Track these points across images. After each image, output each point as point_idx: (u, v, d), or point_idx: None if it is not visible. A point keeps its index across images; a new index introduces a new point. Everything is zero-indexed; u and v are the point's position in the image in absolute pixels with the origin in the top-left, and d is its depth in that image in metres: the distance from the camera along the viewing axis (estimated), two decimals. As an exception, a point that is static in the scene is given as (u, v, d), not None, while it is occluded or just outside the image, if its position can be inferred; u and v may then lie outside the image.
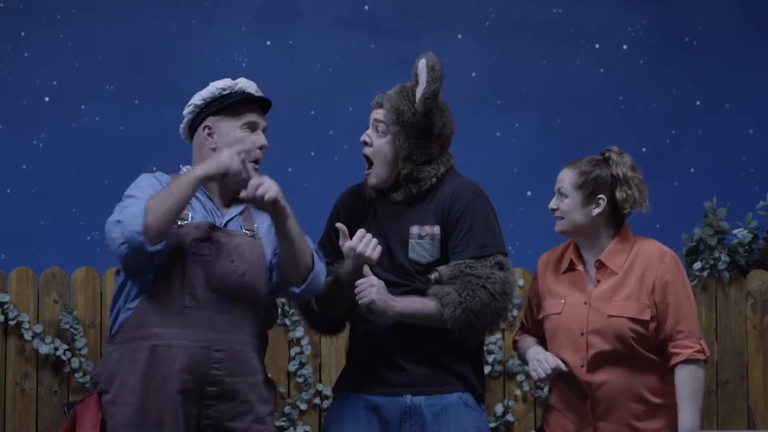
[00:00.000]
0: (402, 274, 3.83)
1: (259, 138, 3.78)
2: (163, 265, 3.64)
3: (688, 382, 3.86)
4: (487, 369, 5.35)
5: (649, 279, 3.88)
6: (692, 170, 6.72)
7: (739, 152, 6.83)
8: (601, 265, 3.93)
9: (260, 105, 3.84)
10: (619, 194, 3.91)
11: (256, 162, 3.78)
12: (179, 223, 3.67)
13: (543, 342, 4.03)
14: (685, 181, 6.76)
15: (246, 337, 3.69)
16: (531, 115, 6.78)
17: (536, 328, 4.06)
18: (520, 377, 5.38)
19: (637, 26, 6.88)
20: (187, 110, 3.84)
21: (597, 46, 6.87)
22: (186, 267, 3.65)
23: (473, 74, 6.79)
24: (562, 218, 3.93)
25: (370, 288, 3.73)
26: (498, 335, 5.37)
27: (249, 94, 3.80)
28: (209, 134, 3.79)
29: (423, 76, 3.84)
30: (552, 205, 3.95)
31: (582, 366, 3.87)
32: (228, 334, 3.65)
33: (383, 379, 3.83)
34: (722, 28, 6.90)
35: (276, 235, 3.71)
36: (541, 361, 3.89)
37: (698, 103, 6.87)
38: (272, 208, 3.63)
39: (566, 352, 3.90)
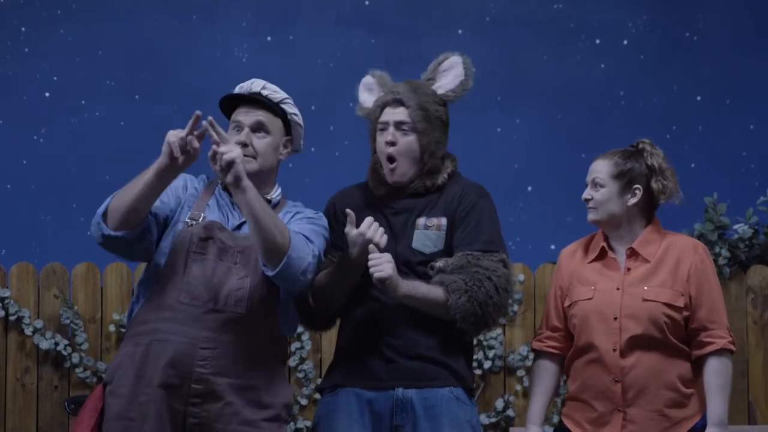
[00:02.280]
0: (402, 264, 3.83)
1: (240, 136, 3.76)
2: (168, 263, 3.68)
3: (720, 373, 3.91)
4: (487, 364, 5.35)
5: (684, 268, 3.94)
6: (693, 166, 6.72)
7: (739, 148, 6.83)
8: (632, 253, 3.98)
9: (253, 101, 3.82)
10: (654, 185, 3.98)
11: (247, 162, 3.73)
12: (189, 222, 3.69)
13: (561, 367, 4.07)
14: (685, 176, 6.68)
15: (244, 338, 3.66)
16: (531, 111, 6.78)
17: (562, 322, 4.06)
18: (520, 372, 5.38)
19: (637, 22, 6.88)
20: None
21: (597, 41, 6.87)
22: (186, 265, 3.67)
23: (473, 70, 6.78)
24: (596, 208, 3.97)
25: (388, 264, 3.72)
26: (498, 330, 5.37)
27: (232, 93, 3.82)
28: None
29: (458, 70, 3.92)
30: (586, 195, 4.00)
31: (615, 350, 3.91)
32: (220, 334, 3.63)
33: (374, 373, 3.82)
34: (723, 24, 6.90)
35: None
36: None
37: (699, 98, 6.87)
38: (232, 176, 3.54)
39: (599, 337, 3.93)
